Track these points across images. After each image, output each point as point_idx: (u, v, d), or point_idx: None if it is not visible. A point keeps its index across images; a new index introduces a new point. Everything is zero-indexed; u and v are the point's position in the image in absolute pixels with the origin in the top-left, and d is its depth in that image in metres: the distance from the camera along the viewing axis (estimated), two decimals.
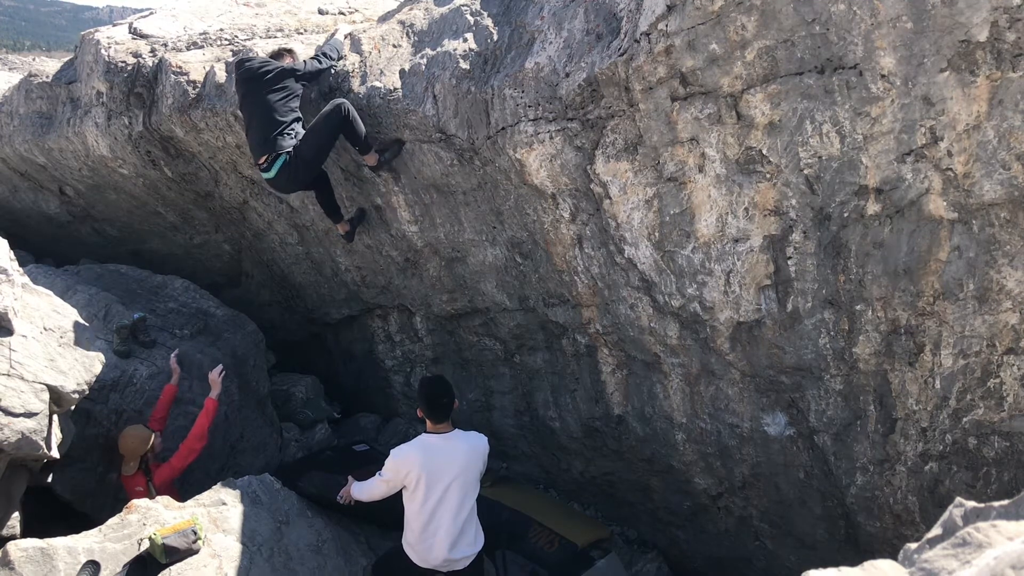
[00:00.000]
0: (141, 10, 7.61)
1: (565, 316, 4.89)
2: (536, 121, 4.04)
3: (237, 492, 4.45)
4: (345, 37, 5.17)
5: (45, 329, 4.52)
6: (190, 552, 3.88)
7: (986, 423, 3.33)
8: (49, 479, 4.87)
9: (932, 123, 2.96)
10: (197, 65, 5.72)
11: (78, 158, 6.65)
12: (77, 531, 3.93)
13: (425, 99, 4.52)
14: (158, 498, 4.30)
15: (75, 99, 6.57)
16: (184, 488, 4.97)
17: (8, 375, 3.94)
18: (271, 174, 4.69)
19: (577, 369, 5.15)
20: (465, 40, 4.50)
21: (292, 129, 4.65)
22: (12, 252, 4.46)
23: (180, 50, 5.94)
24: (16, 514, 4.42)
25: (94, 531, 3.92)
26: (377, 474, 3.83)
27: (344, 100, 4.61)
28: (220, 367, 5.14)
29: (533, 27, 4.17)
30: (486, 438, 3.85)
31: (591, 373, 5.04)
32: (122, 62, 6.01)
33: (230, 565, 3.98)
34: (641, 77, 3.52)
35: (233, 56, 5.65)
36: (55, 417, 4.24)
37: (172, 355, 5.36)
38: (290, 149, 4.61)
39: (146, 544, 3.84)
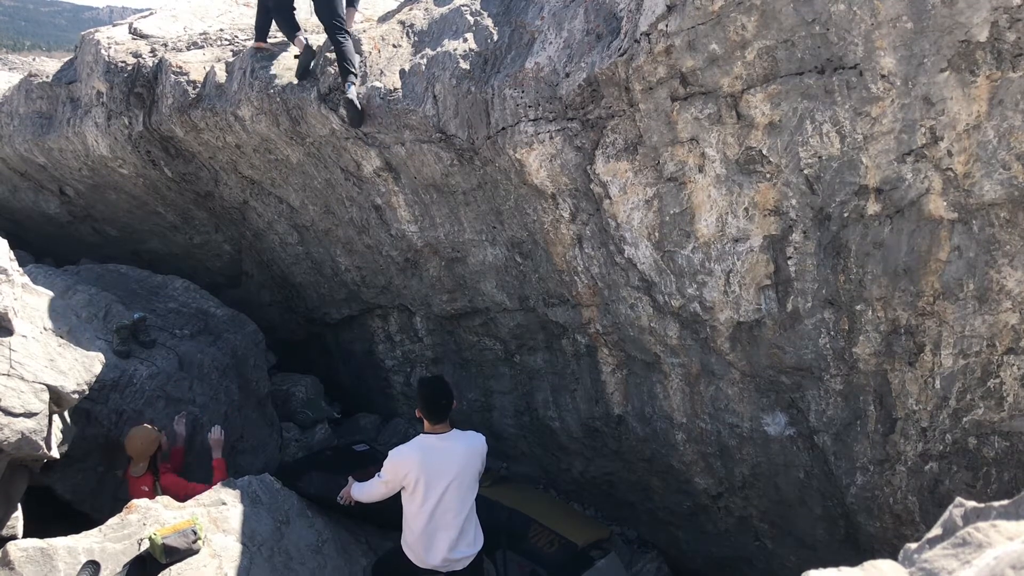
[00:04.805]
0: (141, 10, 7.62)
1: (565, 316, 4.89)
2: (536, 121, 4.04)
3: (237, 492, 4.45)
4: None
5: (45, 329, 4.52)
6: (190, 552, 3.88)
7: (986, 423, 3.33)
8: (49, 479, 4.87)
9: (932, 123, 2.96)
10: (197, 65, 5.72)
11: (78, 158, 6.65)
12: (77, 531, 3.93)
13: (425, 99, 4.52)
14: (158, 498, 4.30)
15: (75, 99, 6.57)
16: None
17: (8, 375, 3.94)
18: None
19: (577, 369, 5.15)
20: (465, 40, 4.50)
21: None
22: (12, 252, 4.47)
23: (180, 50, 5.94)
24: (16, 514, 4.42)
25: (94, 531, 3.92)
26: (376, 475, 3.83)
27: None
28: (219, 428, 5.00)
29: (533, 27, 4.17)
30: (484, 437, 3.85)
31: (591, 373, 5.04)
32: (122, 62, 6.01)
33: (230, 565, 3.98)
34: (641, 77, 3.52)
35: (233, 56, 5.65)
36: (55, 417, 4.24)
37: (178, 418, 5.19)
38: None
39: (146, 544, 3.83)
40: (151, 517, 4.05)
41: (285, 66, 5.31)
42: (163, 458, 4.84)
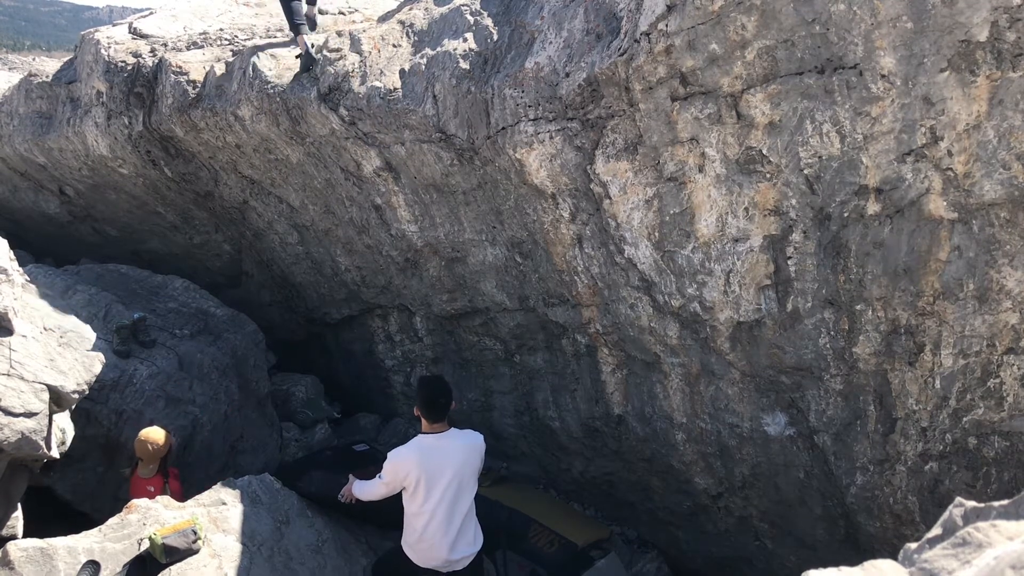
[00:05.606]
0: (141, 10, 7.63)
1: (565, 316, 4.89)
2: (536, 121, 4.04)
3: (237, 492, 4.45)
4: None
5: (45, 329, 4.52)
6: (190, 552, 3.88)
7: (986, 423, 3.33)
8: (49, 479, 4.87)
9: (932, 123, 2.96)
10: (197, 65, 5.72)
11: (78, 158, 6.65)
12: (77, 531, 3.93)
13: (425, 99, 4.52)
14: (158, 498, 4.29)
15: (75, 99, 6.58)
16: (184, 488, 4.97)
17: (8, 375, 3.94)
18: None
19: (577, 369, 5.15)
20: (465, 40, 4.50)
21: None
22: (12, 252, 4.47)
23: (180, 50, 5.95)
24: (16, 514, 4.42)
25: (94, 531, 3.92)
26: (377, 476, 3.83)
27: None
28: None
29: (533, 27, 4.17)
30: (482, 436, 3.84)
31: (591, 373, 5.04)
32: (122, 62, 6.01)
33: (230, 565, 3.98)
34: (641, 77, 3.52)
35: (233, 56, 5.65)
36: (55, 417, 4.24)
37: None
38: None
39: (146, 544, 3.84)
40: (151, 517, 4.05)
41: (285, 66, 5.31)
42: (172, 461, 4.82)
